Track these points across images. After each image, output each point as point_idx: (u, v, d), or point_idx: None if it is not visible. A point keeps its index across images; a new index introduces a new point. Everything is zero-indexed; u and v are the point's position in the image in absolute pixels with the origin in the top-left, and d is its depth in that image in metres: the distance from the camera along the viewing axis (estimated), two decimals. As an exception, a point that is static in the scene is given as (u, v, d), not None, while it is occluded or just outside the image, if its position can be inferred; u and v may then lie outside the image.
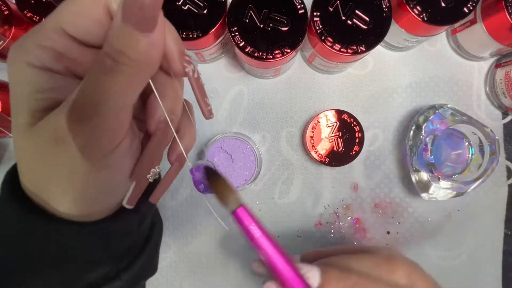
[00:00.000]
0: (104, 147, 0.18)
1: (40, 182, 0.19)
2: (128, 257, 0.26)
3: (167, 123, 0.20)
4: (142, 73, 0.17)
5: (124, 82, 0.16)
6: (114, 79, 0.16)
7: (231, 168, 0.40)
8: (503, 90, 0.40)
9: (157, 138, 0.20)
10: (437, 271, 0.43)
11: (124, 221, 0.23)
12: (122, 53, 0.15)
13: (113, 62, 0.16)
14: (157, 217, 0.32)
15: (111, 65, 0.16)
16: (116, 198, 0.21)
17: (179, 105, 0.21)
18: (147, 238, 0.28)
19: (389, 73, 0.43)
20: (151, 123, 0.20)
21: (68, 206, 0.19)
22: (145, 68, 0.17)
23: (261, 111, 0.43)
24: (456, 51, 0.42)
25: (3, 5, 0.37)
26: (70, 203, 0.19)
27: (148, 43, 0.15)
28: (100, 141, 0.17)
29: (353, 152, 0.39)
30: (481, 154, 0.38)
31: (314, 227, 0.43)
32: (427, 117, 0.38)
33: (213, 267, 0.44)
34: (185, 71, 0.19)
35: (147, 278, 0.30)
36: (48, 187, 0.19)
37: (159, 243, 0.32)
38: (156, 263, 0.32)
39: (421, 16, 0.33)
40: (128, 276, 0.25)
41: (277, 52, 0.33)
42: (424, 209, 0.43)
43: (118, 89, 0.16)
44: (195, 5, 0.33)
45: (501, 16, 0.34)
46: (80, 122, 0.16)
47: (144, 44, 0.15)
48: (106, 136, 0.17)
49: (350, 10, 0.33)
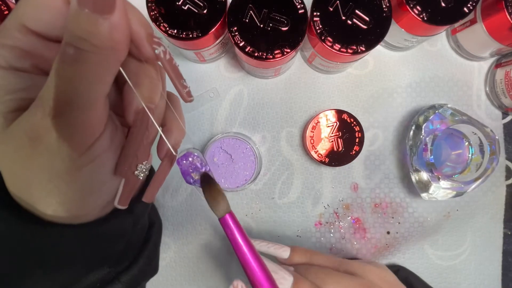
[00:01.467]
0: (81, 142, 0.17)
1: (22, 186, 0.18)
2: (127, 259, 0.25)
3: (145, 113, 0.19)
4: (109, 60, 0.16)
5: (91, 71, 0.15)
6: (79, 69, 0.15)
7: (231, 168, 0.40)
8: (503, 90, 0.40)
9: (136, 129, 0.19)
10: (437, 271, 0.44)
11: (116, 222, 0.22)
12: (83, 39, 0.14)
13: (75, 50, 0.15)
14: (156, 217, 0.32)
15: (74, 54, 0.15)
16: (104, 197, 0.20)
17: (156, 93, 0.20)
18: (145, 239, 0.28)
19: (389, 73, 0.43)
20: (129, 113, 0.19)
21: (54, 208, 0.18)
22: (111, 53, 0.16)
23: (261, 111, 0.43)
24: (456, 51, 0.42)
25: (3, 5, 0.37)
26: (56, 205, 0.18)
27: (110, 26, 0.15)
28: (76, 138, 0.16)
29: (353, 152, 0.39)
30: (481, 154, 0.38)
31: (314, 227, 0.43)
32: (427, 117, 0.38)
33: (213, 267, 0.44)
34: (155, 53, 0.18)
35: (148, 279, 0.30)
36: (31, 191, 0.18)
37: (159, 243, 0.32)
38: (156, 263, 0.32)
39: (421, 16, 0.33)
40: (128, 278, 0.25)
41: (277, 52, 0.33)
42: (424, 209, 0.43)
43: (85, 81, 0.15)
44: (195, 5, 0.33)
45: (501, 16, 0.34)
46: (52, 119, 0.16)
47: (105, 27, 0.14)
48: (82, 130, 0.16)
49: (350, 10, 0.33)
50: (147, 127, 0.20)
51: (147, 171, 0.21)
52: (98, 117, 0.17)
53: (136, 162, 0.20)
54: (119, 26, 0.15)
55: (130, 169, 0.20)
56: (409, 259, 0.43)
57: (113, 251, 0.24)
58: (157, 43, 0.18)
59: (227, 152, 0.40)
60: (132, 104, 0.19)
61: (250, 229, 0.43)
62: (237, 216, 0.43)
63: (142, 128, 0.20)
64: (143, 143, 0.20)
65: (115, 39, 0.15)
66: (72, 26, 0.15)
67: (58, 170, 0.17)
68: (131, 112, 0.19)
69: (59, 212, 0.19)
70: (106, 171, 0.19)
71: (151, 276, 0.31)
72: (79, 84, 0.15)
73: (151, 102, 0.19)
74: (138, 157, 0.20)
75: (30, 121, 0.16)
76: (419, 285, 0.40)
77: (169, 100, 0.23)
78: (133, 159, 0.20)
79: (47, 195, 0.18)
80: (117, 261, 0.25)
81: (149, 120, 0.19)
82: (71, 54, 0.15)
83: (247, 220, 0.43)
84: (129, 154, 0.20)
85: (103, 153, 0.18)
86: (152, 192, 0.22)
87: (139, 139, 0.20)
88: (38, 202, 0.18)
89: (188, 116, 0.42)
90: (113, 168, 0.19)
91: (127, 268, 0.25)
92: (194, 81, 0.43)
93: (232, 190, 0.41)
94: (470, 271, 0.43)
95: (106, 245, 0.22)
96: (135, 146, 0.20)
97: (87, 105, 0.16)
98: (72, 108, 0.15)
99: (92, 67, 0.15)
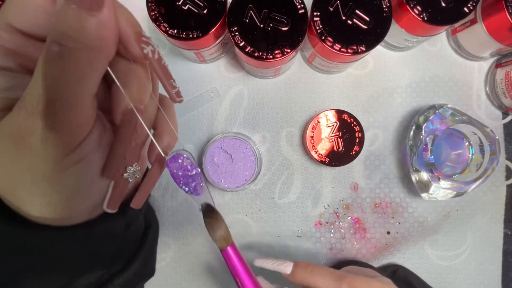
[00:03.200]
0: (67, 142, 0.16)
1: (7, 188, 0.18)
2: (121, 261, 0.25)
3: (133, 113, 0.19)
4: (96, 58, 0.15)
5: (76, 69, 0.15)
6: (64, 67, 0.15)
7: (231, 168, 0.40)
8: (503, 90, 0.40)
9: (124, 130, 0.19)
10: (437, 271, 0.44)
11: (106, 225, 0.22)
12: (69, 36, 0.14)
13: (60, 47, 0.14)
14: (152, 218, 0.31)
15: (59, 52, 0.14)
16: (92, 199, 0.20)
17: (145, 93, 0.20)
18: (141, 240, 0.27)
19: (389, 73, 0.43)
20: (116, 113, 0.19)
21: (39, 210, 0.18)
22: (98, 51, 0.15)
23: (261, 111, 0.43)
24: (456, 51, 0.42)
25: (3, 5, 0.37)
26: (41, 206, 0.18)
27: (97, 23, 0.14)
28: (62, 136, 0.16)
29: (353, 152, 0.39)
30: (481, 154, 0.38)
31: (314, 227, 0.43)
32: (427, 117, 0.38)
33: (213, 267, 0.44)
34: (143, 53, 0.18)
35: (144, 281, 0.29)
36: (16, 192, 0.18)
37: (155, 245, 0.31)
38: (153, 265, 0.31)
39: (421, 16, 0.33)
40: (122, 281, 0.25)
41: (277, 52, 0.33)
42: (424, 209, 0.43)
43: (71, 78, 0.15)
44: (195, 5, 0.33)
45: (501, 16, 0.34)
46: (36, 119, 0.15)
47: (93, 24, 0.14)
48: (68, 130, 0.16)
49: (350, 10, 0.33)
50: (135, 128, 0.19)
51: (138, 174, 0.21)
52: (84, 116, 0.16)
53: (125, 163, 0.20)
54: (107, 24, 0.15)
55: (118, 171, 0.20)
56: (409, 259, 0.43)
57: (105, 254, 0.23)
58: (145, 42, 0.18)
59: (227, 152, 0.40)
60: (120, 104, 0.19)
61: (250, 229, 0.43)
62: (237, 216, 0.43)
63: (130, 129, 0.19)
64: (131, 144, 0.20)
65: (102, 37, 0.15)
66: (58, 22, 0.14)
67: (43, 171, 0.17)
68: (119, 112, 0.19)
69: (44, 213, 0.18)
70: (94, 172, 0.19)
71: (147, 279, 0.30)
72: (64, 82, 0.15)
73: (140, 102, 0.19)
74: (126, 159, 0.20)
75: (14, 121, 0.16)
76: (418, 284, 0.40)
77: (162, 104, 0.22)
78: (121, 160, 0.19)
79: (31, 197, 0.18)
80: (111, 263, 0.24)
81: (137, 121, 0.19)
82: (56, 52, 0.14)
83: (247, 220, 0.43)
84: (116, 155, 0.19)
85: (91, 153, 0.18)
86: (140, 198, 0.22)
87: (127, 140, 0.19)
88: (22, 203, 0.18)
89: (188, 116, 0.42)
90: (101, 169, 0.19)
91: (121, 271, 0.25)
92: (194, 81, 0.43)
93: (232, 190, 0.41)
94: (470, 271, 0.43)
95: (97, 247, 0.22)
96: (123, 147, 0.19)
97: (73, 104, 0.15)
98: (57, 107, 0.15)
99: (78, 65, 0.15)
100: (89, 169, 0.18)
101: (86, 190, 0.19)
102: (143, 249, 0.27)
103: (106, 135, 0.19)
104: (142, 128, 0.20)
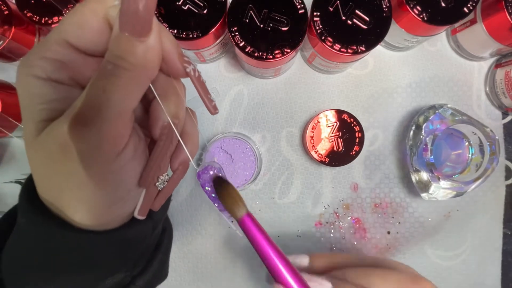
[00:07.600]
0: (108, 152, 0.18)
1: (53, 192, 0.19)
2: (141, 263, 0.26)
3: (171, 128, 0.20)
4: (141, 77, 0.17)
5: (124, 85, 0.17)
6: (114, 82, 0.17)
7: (231, 168, 0.40)
8: (503, 90, 0.40)
9: (162, 143, 0.21)
10: (437, 271, 0.44)
11: (139, 228, 0.23)
12: (121, 58, 0.17)
13: (113, 66, 0.17)
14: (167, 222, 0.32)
15: (111, 70, 0.17)
16: (128, 206, 0.21)
17: (182, 109, 0.21)
18: (157, 243, 0.28)
19: (389, 73, 0.43)
20: (155, 128, 0.20)
21: (81, 215, 0.19)
22: (144, 71, 0.17)
23: (261, 111, 0.43)
24: (456, 51, 0.42)
25: (3, 5, 0.37)
26: (84, 212, 0.19)
27: (145, 47, 0.17)
28: (103, 146, 0.17)
29: (353, 152, 0.39)
30: (481, 154, 0.38)
31: (314, 227, 0.43)
32: (427, 117, 0.38)
33: (212, 267, 0.44)
34: (186, 71, 0.20)
35: (159, 283, 0.30)
36: (62, 197, 0.19)
37: (170, 248, 0.32)
38: (167, 267, 0.32)
39: (421, 16, 0.33)
40: (143, 282, 0.25)
41: (277, 52, 0.33)
42: (424, 209, 0.43)
43: (118, 93, 0.17)
44: (195, 5, 0.33)
45: (501, 16, 0.34)
46: (82, 127, 0.17)
47: (141, 49, 0.17)
48: (109, 140, 0.17)
49: (350, 10, 0.33)
50: (172, 141, 0.21)
51: (165, 182, 0.22)
52: (124, 129, 0.18)
53: (159, 173, 0.21)
54: (153, 48, 0.17)
55: (153, 181, 0.21)
56: (409, 259, 0.43)
57: (134, 256, 0.24)
58: (187, 62, 0.20)
59: (227, 152, 0.40)
60: (159, 119, 0.20)
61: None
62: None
63: (168, 142, 0.21)
64: (167, 156, 0.22)
65: (148, 59, 0.17)
66: (113, 47, 0.17)
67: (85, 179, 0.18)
68: (158, 127, 0.20)
69: (85, 219, 0.19)
70: (130, 182, 0.20)
71: (162, 280, 0.31)
72: (112, 95, 0.17)
73: (177, 118, 0.21)
74: (161, 169, 0.21)
75: (60, 130, 0.17)
76: None
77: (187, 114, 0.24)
78: (158, 171, 0.21)
79: (75, 202, 0.19)
80: (133, 265, 0.25)
81: (173, 134, 0.21)
82: (109, 69, 0.17)
83: (247, 220, 0.43)
84: (154, 166, 0.21)
85: (128, 162, 0.19)
86: (159, 202, 0.23)
87: (164, 152, 0.21)
88: (67, 208, 0.19)
89: (188, 116, 0.43)
90: (137, 178, 0.20)
91: (142, 272, 0.26)
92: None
93: (232, 190, 0.41)
94: (470, 271, 0.43)
95: (128, 249, 0.23)
96: (160, 158, 0.21)
97: (116, 115, 0.17)
98: (101, 118, 0.17)
99: (125, 82, 0.17)
100: (127, 177, 0.20)
101: (123, 199, 0.20)
102: (160, 251, 0.28)
103: (140, 145, 0.20)
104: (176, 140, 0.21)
